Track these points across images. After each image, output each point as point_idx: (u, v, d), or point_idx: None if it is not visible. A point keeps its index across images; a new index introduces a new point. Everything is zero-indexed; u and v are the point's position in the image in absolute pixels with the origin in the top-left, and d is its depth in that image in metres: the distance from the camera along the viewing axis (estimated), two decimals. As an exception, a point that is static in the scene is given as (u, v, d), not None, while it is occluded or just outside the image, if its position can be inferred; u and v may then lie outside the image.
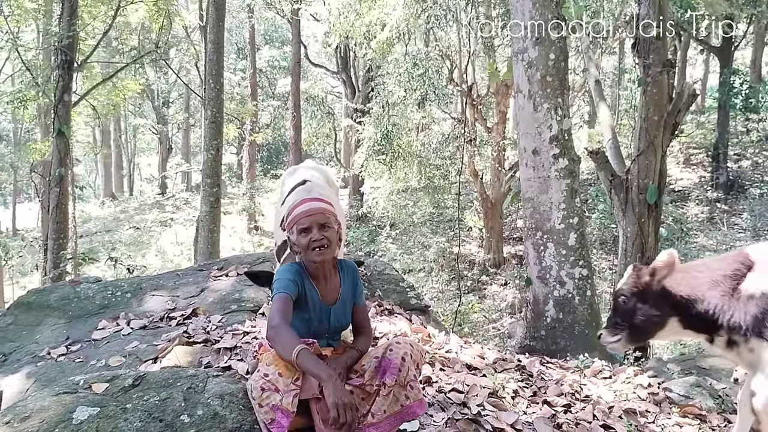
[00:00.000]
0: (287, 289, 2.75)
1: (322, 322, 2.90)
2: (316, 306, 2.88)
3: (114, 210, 29.84)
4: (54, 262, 10.35)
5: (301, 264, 2.92)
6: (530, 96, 5.78)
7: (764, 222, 16.91)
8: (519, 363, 4.40)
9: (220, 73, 11.56)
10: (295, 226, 2.84)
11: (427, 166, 19.00)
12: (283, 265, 3.05)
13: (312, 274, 2.90)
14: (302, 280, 2.85)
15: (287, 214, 2.95)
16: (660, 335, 3.13)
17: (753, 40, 23.22)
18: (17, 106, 13.69)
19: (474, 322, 13.78)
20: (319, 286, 2.90)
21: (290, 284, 2.77)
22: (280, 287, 2.75)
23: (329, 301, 2.92)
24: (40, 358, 4.22)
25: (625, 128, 19.68)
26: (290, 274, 2.83)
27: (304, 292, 2.84)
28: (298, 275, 2.84)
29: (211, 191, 11.50)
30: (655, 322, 3.06)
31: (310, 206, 2.86)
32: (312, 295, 2.87)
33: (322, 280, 2.91)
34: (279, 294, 2.73)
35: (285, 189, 3.84)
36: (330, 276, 2.94)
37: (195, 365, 3.61)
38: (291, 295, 2.74)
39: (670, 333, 3.11)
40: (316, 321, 2.88)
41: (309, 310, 2.86)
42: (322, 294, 2.90)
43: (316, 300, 2.88)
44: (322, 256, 2.81)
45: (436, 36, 16.08)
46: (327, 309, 2.91)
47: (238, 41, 32.43)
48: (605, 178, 7.88)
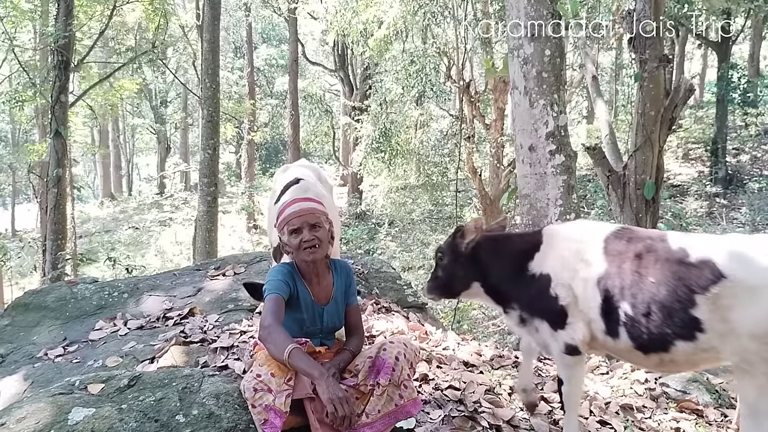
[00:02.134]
0: (279, 289, 2.76)
1: (315, 321, 2.91)
2: (309, 306, 2.88)
3: (113, 210, 29.82)
4: (53, 262, 10.35)
5: (293, 264, 2.93)
6: (526, 92, 5.77)
7: (763, 216, 16.90)
8: (516, 360, 4.40)
9: (216, 72, 11.54)
10: (286, 226, 2.85)
11: (426, 163, 19.00)
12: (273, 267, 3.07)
13: (304, 274, 2.91)
14: (294, 280, 2.86)
15: (278, 214, 2.97)
16: (466, 294, 3.30)
17: (751, 34, 23.20)
18: (14, 107, 13.69)
19: (473, 318, 13.79)
20: (311, 286, 2.91)
21: (282, 285, 2.78)
22: (272, 288, 2.76)
23: (321, 300, 2.93)
24: (38, 359, 4.23)
25: (623, 124, 19.68)
26: (281, 275, 2.84)
27: (296, 292, 2.85)
28: (289, 276, 2.85)
29: (208, 191, 11.50)
30: (460, 282, 3.23)
31: (301, 206, 2.88)
32: (304, 295, 2.88)
33: (314, 280, 2.92)
34: (271, 295, 2.74)
35: (277, 187, 3.84)
36: (322, 275, 2.95)
37: (192, 365, 3.61)
38: (283, 295, 2.75)
39: (474, 295, 3.27)
40: (308, 321, 2.89)
41: (301, 310, 2.87)
42: (314, 294, 2.91)
43: (309, 300, 2.89)
44: (313, 255, 2.82)
45: (433, 33, 16.04)
46: (320, 308, 2.91)
47: (235, 40, 32.38)
48: (602, 174, 7.86)
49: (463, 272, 3.19)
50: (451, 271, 3.21)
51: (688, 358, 2.66)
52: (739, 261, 2.51)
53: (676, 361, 2.70)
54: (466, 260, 3.16)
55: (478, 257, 3.14)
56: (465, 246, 3.15)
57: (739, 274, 2.47)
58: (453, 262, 3.20)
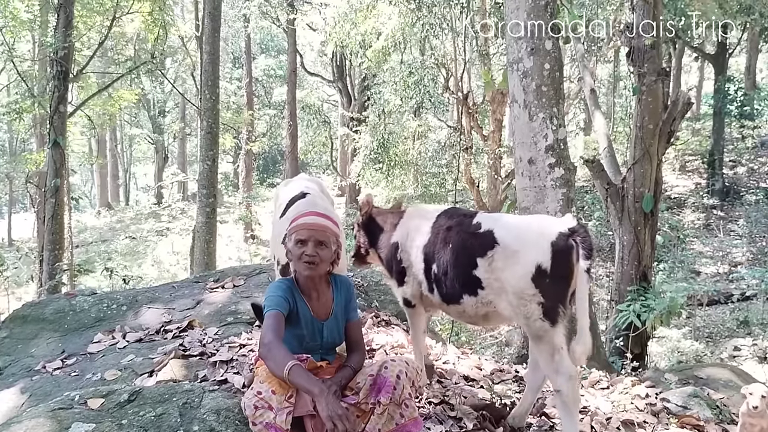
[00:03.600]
0: (278, 306, 2.75)
1: (315, 337, 2.89)
2: (308, 321, 2.87)
3: (110, 220, 29.75)
4: (49, 273, 10.30)
5: (293, 279, 2.93)
6: (525, 106, 5.79)
7: (760, 228, 16.93)
8: (516, 374, 4.39)
9: (215, 83, 11.55)
10: (294, 234, 2.84)
11: (424, 174, 19.02)
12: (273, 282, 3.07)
13: (303, 290, 2.90)
14: (293, 296, 2.85)
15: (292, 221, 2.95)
16: (371, 260, 4.00)
17: (747, 47, 23.33)
18: (13, 117, 13.67)
19: (471, 330, 13.74)
20: (310, 302, 2.90)
21: (281, 301, 2.78)
22: (271, 304, 2.76)
23: (321, 316, 2.91)
24: (36, 372, 4.20)
25: (621, 135, 19.72)
26: (281, 290, 2.84)
27: (295, 307, 2.84)
28: (288, 291, 2.85)
29: (207, 201, 11.47)
30: (364, 250, 3.96)
31: (314, 220, 2.87)
32: (303, 311, 2.87)
33: (314, 295, 2.91)
34: (270, 311, 2.73)
35: (280, 202, 3.82)
36: (322, 291, 2.94)
37: (191, 379, 3.59)
38: (282, 311, 2.75)
39: (374, 261, 3.99)
40: (308, 336, 2.87)
41: (301, 326, 2.86)
42: (314, 309, 2.90)
43: (308, 315, 2.87)
44: (309, 271, 2.82)
45: (432, 45, 16.11)
46: (319, 324, 2.90)
47: (234, 50, 32.45)
48: (601, 186, 7.89)
49: (363, 240, 3.92)
50: (358, 241, 3.96)
51: (475, 310, 3.29)
52: (509, 231, 3.15)
53: (467, 312, 3.32)
54: (364, 230, 3.92)
55: (370, 228, 3.88)
56: (362, 218, 3.91)
57: (507, 241, 3.10)
58: (357, 233, 3.96)
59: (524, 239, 3.07)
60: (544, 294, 3.01)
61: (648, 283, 7.54)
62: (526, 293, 3.02)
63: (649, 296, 6.99)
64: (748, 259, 15.75)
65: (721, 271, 15.47)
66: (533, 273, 3.00)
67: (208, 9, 11.46)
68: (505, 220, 3.26)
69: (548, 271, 3.00)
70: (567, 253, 3.01)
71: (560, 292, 3.05)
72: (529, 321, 3.05)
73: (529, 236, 3.08)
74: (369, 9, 15.61)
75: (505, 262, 3.07)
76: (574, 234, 3.03)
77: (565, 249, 3.02)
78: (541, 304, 3.02)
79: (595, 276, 14.71)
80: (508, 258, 3.06)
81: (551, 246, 3.01)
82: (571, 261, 3.01)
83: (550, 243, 3.02)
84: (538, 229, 3.12)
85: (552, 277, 3.00)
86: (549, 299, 3.02)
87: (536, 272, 3.00)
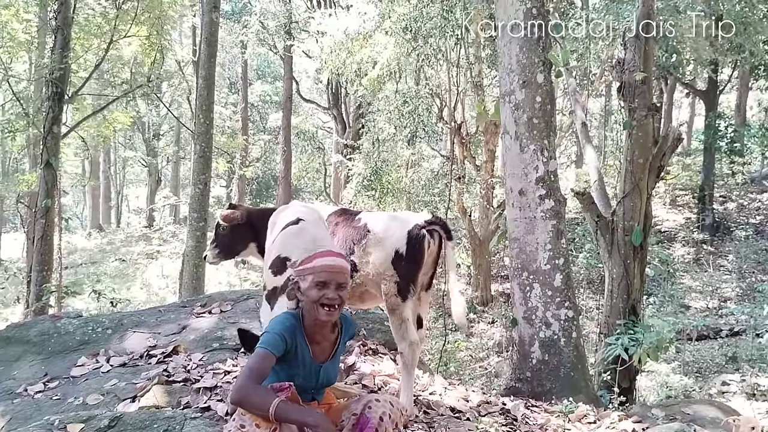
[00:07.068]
0: (272, 346, 2.59)
1: (310, 379, 2.77)
2: (306, 364, 2.75)
3: (100, 241, 29.57)
4: (37, 294, 10.20)
5: (298, 317, 2.76)
6: (517, 137, 5.84)
7: (750, 264, 17.00)
8: (503, 406, 4.36)
9: (210, 108, 11.59)
10: (313, 276, 2.67)
11: (416, 202, 19.02)
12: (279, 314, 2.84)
13: (308, 332, 2.75)
14: (295, 337, 2.69)
15: (305, 259, 2.78)
16: (243, 254, 4.77)
17: (738, 84, 23.62)
18: (6, 136, 13.66)
19: (460, 360, 13.66)
20: (312, 345, 2.76)
21: (278, 341, 2.61)
22: (266, 342, 2.60)
23: (320, 358, 2.80)
24: (17, 395, 4.14)
25: (612, 169, 19.85)
26: (284, 329, 2.67)
27: (294, 348, 2.69)
28: (290, 330, 2.68)
29: (197, 225, 11.43)
30: (241, 244, 4.69)
31: (335, 262, 2.72)
32: (303, 354, 2.73)
33: (317, 338, 2.78)
34: (262, 349, 2.58)
35: (276, 230, 3.81)
36: (326, 335, 2.80)
37: (174, 405, 3.55)
38: (275, 353, 2.59)
39: (248, 253, 4.73)
40: (302, 377, 2.74)
41: (297, 367, 2.73)
42: (314, 352, 2.77)
43: (307, 359, 2.75)
44: (329, 317, 2.68)
45: (426, 75, 16.25)
46: (317, 367, 2.78)
47: (230, 75, 32.64)
48: (591, 219, 7.92)
49: (242, 235, 4.61)
50: (233, 237, 4.64)
51: (353, 291, 3.79)
52: (379, 223, 3.88)
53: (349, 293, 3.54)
54: (244, 227, 4.57)
55: (252, 223, 4.55)
56: (240, 217, 4.56)
57: (376, 230, 3.83)
58: (232, 229, 4.60)
59: (389, 229, 3.79)
60: (399, 274, 3.72)
61: (637, 317, 7.53)
62: (386, 273, 3.72)
63: (638, 330, 6.97)
64: (738, 295, 15.78)
65: (710, 306, 15.48)
66: (393, 257, 3.71)
67: (205, 35, 11.55)
68: (376, 215, 4.07)
69: (404, 255, 3.71)
70: (419, 240, 3.72)
71: (412, 273, 3.75)
72: (387, 297, 3.73)
73: (392, 227, 3.79)
74: (365, 38, 15.80)
75: (373, 248, 3.79)
76: (431, 225, 3.78)
77: (418, 237, 3.73)
78: (396, 283, 3.72)
79: (585, 308, 14.71)
80: (376, 244, 3.78)
81: (407, 234, 3.72)
82: (422, 247, 3.73)
83: (407, 231, 3.73)
84: (400, 221, 3.84)
85: (407, 260, 3.71)
86: (403, 279, 3.72)
87: (395, 256, 3.72)
